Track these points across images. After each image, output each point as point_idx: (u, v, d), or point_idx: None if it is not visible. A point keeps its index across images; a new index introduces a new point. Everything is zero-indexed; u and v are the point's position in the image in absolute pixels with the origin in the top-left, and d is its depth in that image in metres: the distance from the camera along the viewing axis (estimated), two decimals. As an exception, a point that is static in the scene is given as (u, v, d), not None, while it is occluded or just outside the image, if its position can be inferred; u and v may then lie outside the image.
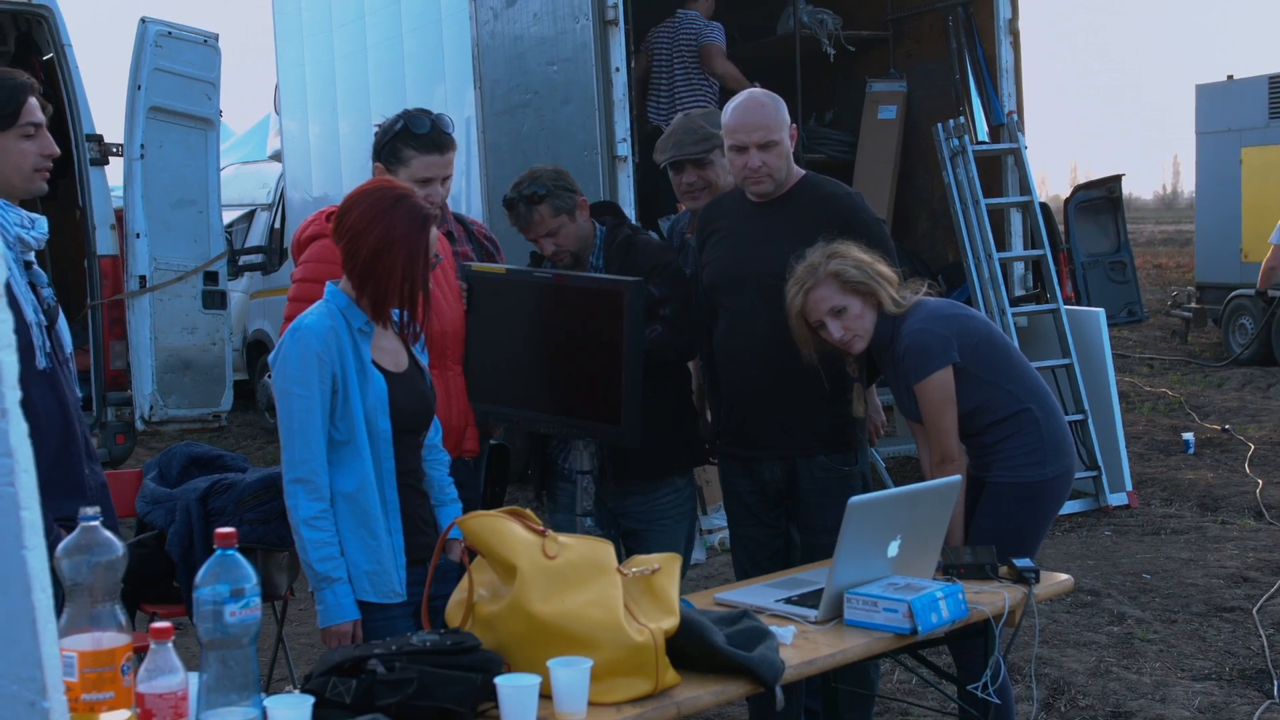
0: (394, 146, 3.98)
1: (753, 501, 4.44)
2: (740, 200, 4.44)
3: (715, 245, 4.46)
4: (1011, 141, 8.72)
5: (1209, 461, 9.81)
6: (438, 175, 3.97)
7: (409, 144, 3.96)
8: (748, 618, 3.15)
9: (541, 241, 4.42)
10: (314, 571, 3.27)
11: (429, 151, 3.95)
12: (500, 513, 3.00)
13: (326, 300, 3.38)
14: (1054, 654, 5.66)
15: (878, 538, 3.45)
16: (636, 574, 3.00)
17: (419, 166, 3.94)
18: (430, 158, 3.95)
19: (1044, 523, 4.12)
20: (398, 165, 3.95)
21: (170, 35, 8.08)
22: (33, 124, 3.20)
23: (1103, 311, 9.08)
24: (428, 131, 3.96)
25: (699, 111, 4.82)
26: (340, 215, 3.38)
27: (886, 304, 4.01)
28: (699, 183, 4.64)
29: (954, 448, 4.00)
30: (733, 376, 4.42)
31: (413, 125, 3.96)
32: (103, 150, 7.93)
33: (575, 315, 4.04)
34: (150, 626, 2.37)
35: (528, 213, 4.36)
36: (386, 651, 2.71)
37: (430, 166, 3.96)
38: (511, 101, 7.95)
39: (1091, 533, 7.87)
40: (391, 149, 3.98)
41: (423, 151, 3.95)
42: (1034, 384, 4.10)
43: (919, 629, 3.27)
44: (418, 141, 3.95)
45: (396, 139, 3.97)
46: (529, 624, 2.84)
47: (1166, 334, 17.17)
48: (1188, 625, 6.08)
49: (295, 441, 3.27)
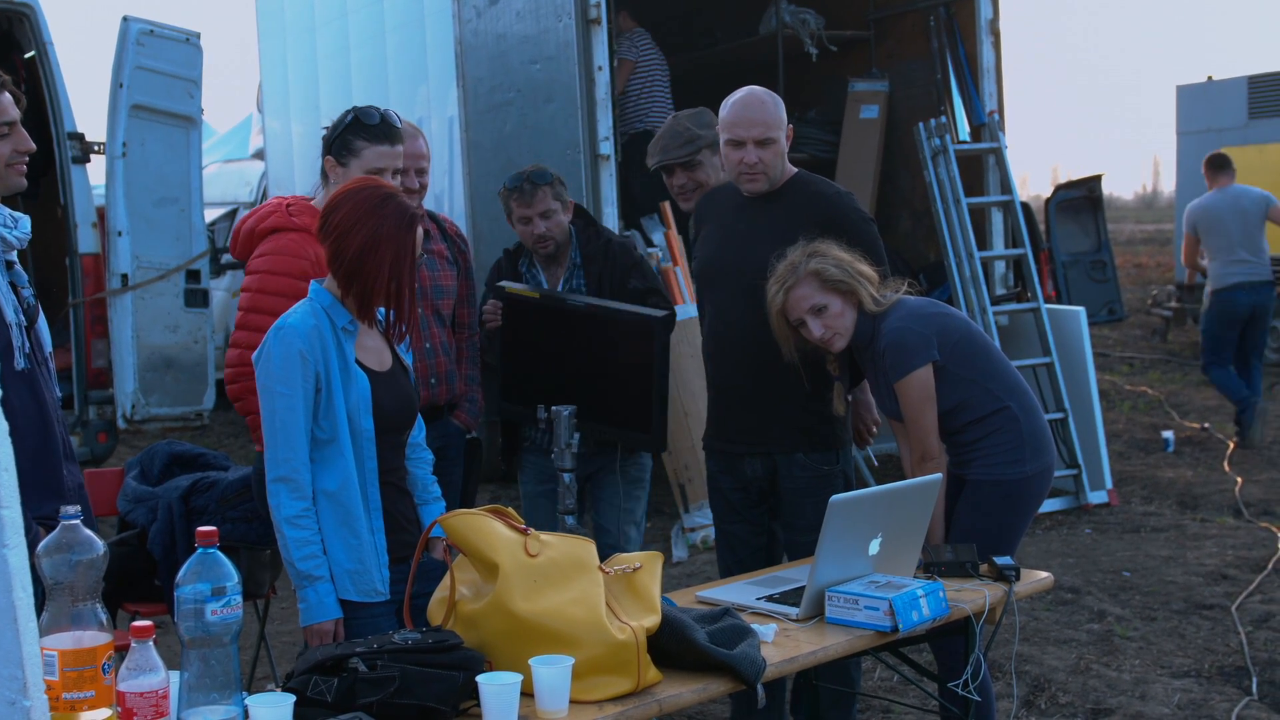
0: (344, 139, 4.02)
1: (736, 498, 4.45)
2: (733, 195, 4.46)
3: (705, 239, 4.52)
4: (993, 141, 8.74)
5: (1188, 460, 9.85)
6: (389, 166, 4.01)
7: (359, 135, 4.00)
8: (729, 615, 3.16)
9: (535, 220, 4.71)
10: (296, 570, 3.27)
11: (379, 142, 4.00)
12: (482, 511, 3.01)
13: (311, 299, 3.38)
14: (1034, 651, 5.67)
15: (859, 536, 3.46)
16: (618, 572, 3.01)
17: (371, 157, 3.98)
18: (380, 148, 4.00)
19: (1024, 520, 4.13)
20: (349, 157, 3.99)
21: (152, 33, 8.05)
22: (5, 123, 3.18)
23: (1083, 310, 9.11)
24: (377, 123, 4.01)
25: (686, 113, 4.84)
26: (326, 214, 3.37)
27: (867, 302, 4.02)
28: (689, 184, 4.73)
29: (934, 446, 4.01)
30: (716, 370, 4.46)
31: (363, 117, 4.02)
32: (84, 148, 7.90)
33: (607, 338, 4.56)
34: (131, 625, 2.37)
35: (532, 190, 4.70)
36: (368, 650, 2.71)
37: (382, 156, 4.00)
38: (494, 100, 7.95)
39: (1072, 530, 7.90)
40: (342, 142, 4.02)
41: (373, 141, 3.99)
42: (1014, 382, 4.12)
43: (900, 627, 3.28)
44: (368, 133, 3.99)
45: (346, 131, 4.02)
46: (511, 622, 2.85)
47: (1146, 333, 17.22)
48: (1167, 623, 6.11)
49: (278, 440, 3.27)
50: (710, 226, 4.50)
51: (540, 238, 4.74)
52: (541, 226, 4.72)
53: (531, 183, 4.69)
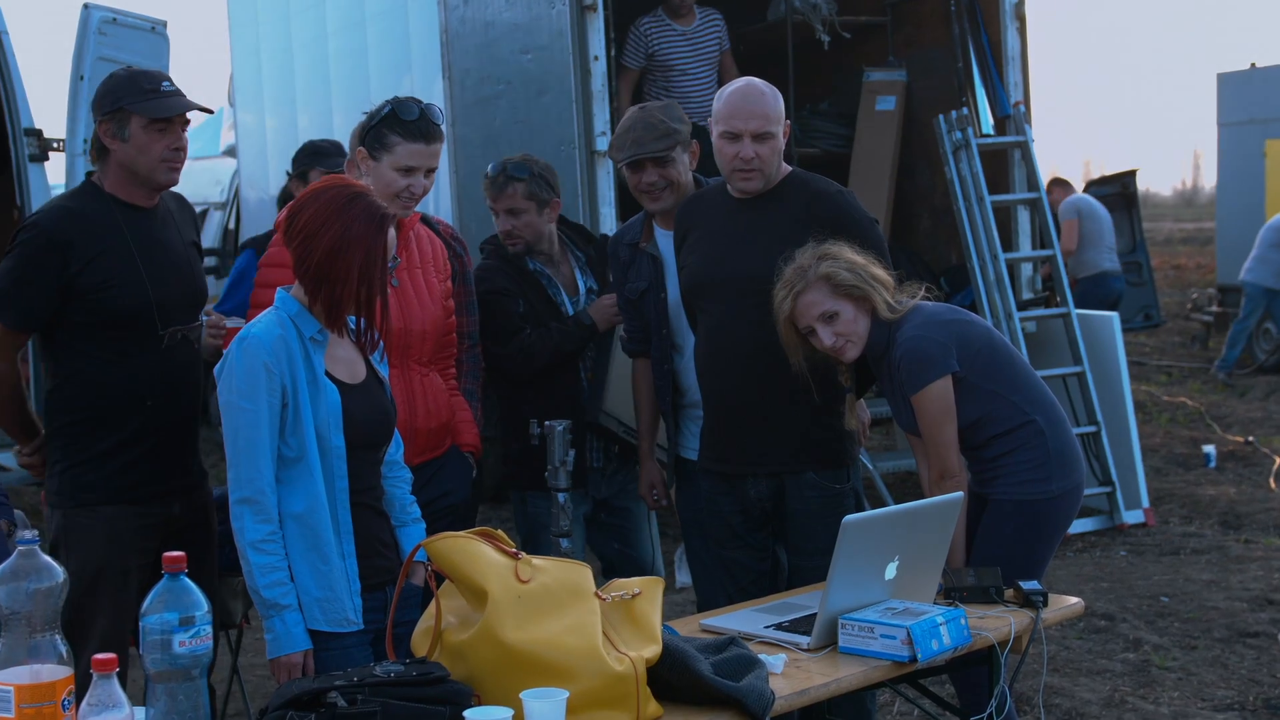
0: (379, 131, 4.08)
1: (737, 522, 4.45)
2: (721, 197, 4.44)
3: (693, 246, 4.47)
4: (1018, 134, 8.75)
5: (1231, 476, 9.86)
6: (422, 165, 4.08)
7: (395, 130, 4.06)
8: (735, 645, 3.17)
9: (502, 215, 4.91)
10: (261, 598, 3.28)
11: (415, 140, 4.05)
12: (470, 534, 3.01)
13: (276, 307, 3.38)
14: (1065, 683, 5.68)
15: (874, 559, 3.47)
16: (616, 599, 3.02)
17: (403, 154, 4.04)
18: (415, 146, 4.06)
19: (1052, 542, 4.14)
20: (382, 151, 4.06)
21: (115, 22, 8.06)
22: None
23: (1116, 316, 9.11)
24: (415, 119, 4.06)
25: (654, 105, 4.84)
26: (291, 216, 3.39)
27: (881, 309, 4.03)
28: (660, 182, 4.64)
29: (954, 463, 4.02)
30: (714, 388, 4.44)
31: (400, 111, 4.07)
32: (42, 146, 7.90)
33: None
34: (93, 658, 2.37)
35: (504, 184, 4.87)
36: (348, 683, 2.72)
37: (415, 155, 4.06)
38: (483, 93, 7.96)
39: (1105, 553, 7.90)
40: (377, 134, 4.08)
41: (408, 139, 4.05)
42: (1040, 394, 4.12)
43: (919, 657, 3.29)
44: (404, 128, 4.05)
45: (383, 124, 4.08)
46: (501, 653, 2.85)
47: (1185, 339, 17.24)
48: (1209, 651, 6.11)
49: (241, 459, 3.27)
50: (698, 233, 4.46)
51: (507, 233, 4.91)
52: (508, 224, 4.90)
53: (506, 175, 4.86)
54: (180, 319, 4.00)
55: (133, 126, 3.88)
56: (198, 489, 4.13)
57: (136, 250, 3.91)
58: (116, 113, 3.89)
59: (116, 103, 3.89)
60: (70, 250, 3.83)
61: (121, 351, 3.90)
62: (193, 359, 4.08)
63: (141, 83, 3.92)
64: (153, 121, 3.88)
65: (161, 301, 3.93)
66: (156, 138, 3.89)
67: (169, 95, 3.93)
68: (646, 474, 4.86)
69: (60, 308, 3.85)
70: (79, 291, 3.83)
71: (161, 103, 3.90)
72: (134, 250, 3.91)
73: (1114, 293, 12.48)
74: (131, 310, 3.88)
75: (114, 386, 3.89)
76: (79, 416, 3.90)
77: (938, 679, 4.18)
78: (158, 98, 3.90)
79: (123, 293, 3.87)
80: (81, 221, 3.89)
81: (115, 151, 3.91)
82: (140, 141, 3.89)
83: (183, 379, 4.03)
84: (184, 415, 4.05)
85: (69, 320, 3.88)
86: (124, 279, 3.88)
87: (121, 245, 3.90)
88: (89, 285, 3.84)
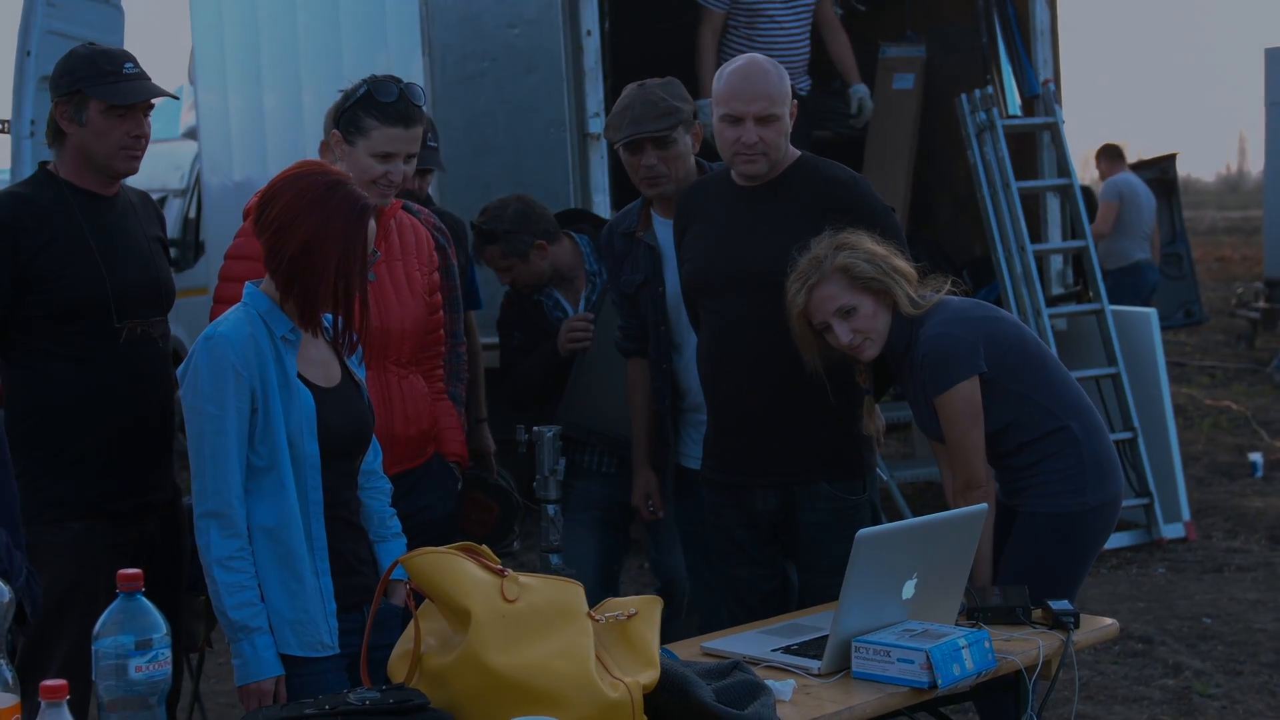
0: (354, 114, 4.07)
1: (743, 537, 4.45)
2: (725, 185, 4.44)
3: (696, 239, 4.46)
4: (1047, 115, 8.76)
5: (1279, 486, 9.86)
6: (400, 151, 4.07)
7: (371, 112, 4.05)
8: (740, 670, 3.17)
9: (499, 274, 5.34)
10: (229, 620, 3.27)
11: (393, 123, 4.04)
12: (451, 549, 3.00)
13: (245, 304, 3.38)
14: (1099, 711, 5.69)
15: (891, 576, 3.47)
16: (610, 619, 3.02)
17: (379, 139, 4.03)
18: (394, 130, 4.04)
19: (1086, 559, 4.14)
20: (357, 135, 4.05)
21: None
22: None
23: (1155, 312, 9.12)
24: (393, 100, 4.05)
25: (654, 82, 4.75)
26: (262, 205, 3.38)
27: (903, 304, 4.02)
28: (660, 165, 4.63)
29: (981, 472, 4.02)
30: (718, 392, 4.43)
31: (377, 92, 4.06)
32: (-13, 127, 7.91)
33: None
34: (41, 684, 2.36)
35: (480, 247, 5.30)
36: (319, 711, 2.72)
37: (392, 140, 4.04)
38: (466, 71, 7.95)
39: (1142, 570, 7.91)
40: (351, 116, 4.07)
41: (385, 123, 4.04)
42: (1075, 397, 4.13)
43: (939, 682, 3.29)
44: (381, 111, 4.04)
45: (358, 105, 4.07)
46: (485, 678, 2.85)
47: (1230, 338, 17.25)
48: (1255, 678, 6.12)
49: (206, 469, 3.27)
50: (699, 226, 4.45)
51: (511, 284, 5.36)
52: (505, 279, 5.36)
53: (481, 239, 5.31)
54: (142, 313, 4.00)
55: (91, 111, 3.88)
56: (173, 503, 4.12)
57: (92, 238, 3.92)
58: (74, 95, 3.89)
59: (74, 84, 3.89)
60: (21, 237, 3.83)
61: (80, 347, 3.90)
62: (158, 357, 4.07)
63: (102, 64, 3.92)
64: (112, 107, 3.88)
65: (120, 292, 3.93)
66: (116, 124, 3.89)
67: (131, 79, 3.93)
68: (641, 483, 4.86)
69: (14, 301, 3.85)
70: (31, 282, 3.83)
71: (122, 87, 3.90)
72: (89, 237, 3.91)
73: (1147, 285, 12.52)
74: (87, 300, 3.88)
75: (72, 384, 3.89)
76: (36, 421, 3.89)
77: (960, 707, 4.18)
78: (118, 81, 3.90)
79: (77, 282, 3.88)
80: (32, 207, 3.89)
81: (71, 136, 3.91)
82: (98, 127, 3.89)
83: (148, 379, 4.02)
84: (152, 420, 4.04)
85: (24, 315, 3.88)
86: (79, 267, 3.88)
87: (75, 232, 3.90)
88: (41, 274, 3.85)
